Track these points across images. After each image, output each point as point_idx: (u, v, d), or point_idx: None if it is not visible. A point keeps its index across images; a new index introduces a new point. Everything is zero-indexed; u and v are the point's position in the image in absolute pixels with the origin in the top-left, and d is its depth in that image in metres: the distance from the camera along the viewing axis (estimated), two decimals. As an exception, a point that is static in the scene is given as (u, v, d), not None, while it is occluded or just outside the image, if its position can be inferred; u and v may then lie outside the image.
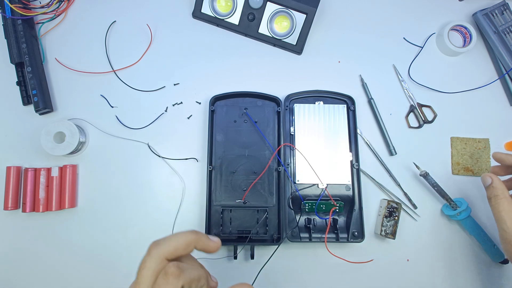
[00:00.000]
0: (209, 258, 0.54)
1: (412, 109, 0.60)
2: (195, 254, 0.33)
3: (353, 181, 0.56)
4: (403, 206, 0.57)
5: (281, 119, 0.57)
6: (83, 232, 0.56)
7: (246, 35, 0.62)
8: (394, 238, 0.54)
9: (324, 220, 0.55)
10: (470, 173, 0.58)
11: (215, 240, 0.32)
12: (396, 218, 0.54)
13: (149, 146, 0.58)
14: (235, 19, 0.61)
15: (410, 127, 0.60)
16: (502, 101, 0.62)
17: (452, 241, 0.57)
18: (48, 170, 0.56)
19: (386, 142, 0.59)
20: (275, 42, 0.61)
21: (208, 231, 0.54)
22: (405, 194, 0.57)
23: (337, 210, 0.54)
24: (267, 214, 0.54)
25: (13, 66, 0.59)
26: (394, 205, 0.55)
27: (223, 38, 0.63)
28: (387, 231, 0.54)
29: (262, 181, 0.56)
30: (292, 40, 0.60)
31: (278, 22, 0.60)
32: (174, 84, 0.61)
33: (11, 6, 0.57)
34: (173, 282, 0.27)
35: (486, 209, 0.57)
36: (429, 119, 0.60)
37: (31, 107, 0.58)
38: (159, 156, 0.58)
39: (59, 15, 0.62)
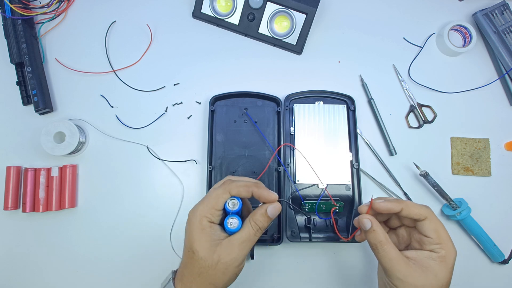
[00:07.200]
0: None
1: (412, 109, 0.60)
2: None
3: (353, 181, 0.56)
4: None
5: (281, 119, 0.57)
6: (83, 232, 0.56)
7: (246, 35, 0.62)
8: None
9: (325, 220, 0.55)
10: (470, 173, 0.58)
11: (272, 193, 0.38)
12: None
13: (148, 149, 0.58)
14: (235, 19, 0.61)
15: (410, 127, 0.60)
16: (502, 101, 0.62)
17: (452, 241, 0.57)
18: (48, 170, 0.56)
19: (386, 142, 0.59)
20: (275, 42, 0.61)
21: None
22: (405, 194, 0.57)
23: (337, 210, 0.54)
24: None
25: (13, 66, 0.59)
26: None
27: (223, 38, 0.63)
28: None
29: (262, 181, 0.56)
30: (292, 40, 0.60)
31: (278, 22, 0.60)
32: (174, 84, 0.61)
33: (11, 6, 0.57)
34: (224, 187, 0.37)
35: (486, 209, 0.57)
36: (429, 119, 0.60)
37: (31, 107, 0.58)
38: (158, 159, 0.58)
39: (59, 15, 0.62)
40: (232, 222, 0.37)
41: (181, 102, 0.60)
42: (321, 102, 0.59)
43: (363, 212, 0.40)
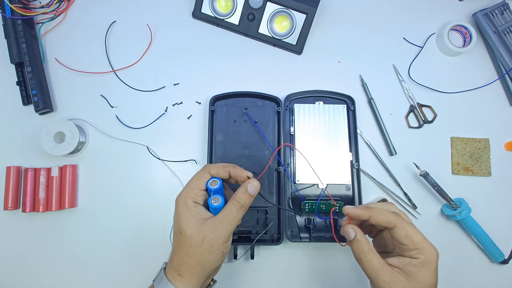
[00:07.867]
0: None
1: (412, 109, 0.60)
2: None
3: (353, 181, 0.56)
4: (402, 205, 0.57)
5: (281, 119, 0.57)
6: (83, 232, 0.56)
7: (246, 35, 0.62)
8: None
9: (324, 220, 0.55)
10: (470, 173, 0.58)
11: (246, 171, 0.40)
12: None
13: (148, 149, 0.58)
14: (235, 19, 0.61)
15: (410, 127, 0.60)
16: (502, 101, 0.62)
17: (452, 241, 0.57)
18: (48, 170, 0.56)
19: (386, 142, 0.59)
20: (275, 42, 0.61)
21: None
22: (405, 194, 0.57)
23: (337, 210, 0.54)
24: (267, 214, 0.55)
25: (13, 66, 0.59)
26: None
27: (223, 38, 0.63)
28: None
29: (262, 181, 0.56)
30: (292, 40, 0.60)
31: (278, 22, 0.60)
32: (174, 84, 0.61)
33: (11, 6, 0.57)
34: (204, 169, 0.41)
35: (486, 209, 0.57)
36: (429, 119, 0.60)
37: (31, 107, 0.58)
38: (158, 159, 0.58)
39: (59, 15, 0.62)
40: (215, 198, 0.40)
41: (181, 102, 0.60)
42: (321, 102, 0.59)
43: (352, 214, 0.40)
